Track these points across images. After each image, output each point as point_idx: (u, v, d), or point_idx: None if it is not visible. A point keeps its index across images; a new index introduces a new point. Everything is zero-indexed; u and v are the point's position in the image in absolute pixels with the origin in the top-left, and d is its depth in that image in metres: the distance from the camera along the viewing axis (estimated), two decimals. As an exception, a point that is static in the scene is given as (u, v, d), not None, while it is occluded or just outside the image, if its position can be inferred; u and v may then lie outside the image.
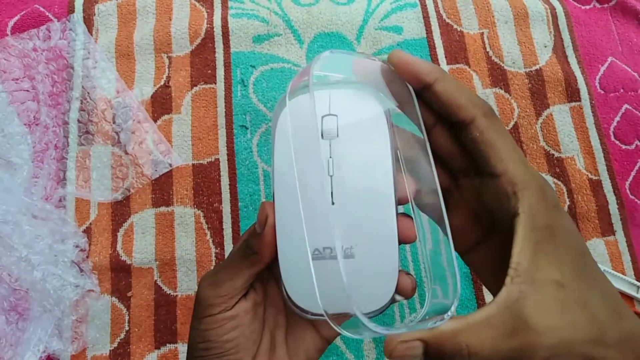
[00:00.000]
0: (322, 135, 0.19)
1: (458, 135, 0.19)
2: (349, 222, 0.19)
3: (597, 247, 0.36)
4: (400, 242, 0.19)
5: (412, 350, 0.16)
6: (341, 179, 0.19)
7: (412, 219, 0.19)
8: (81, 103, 0.39)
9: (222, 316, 0.19)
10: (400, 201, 0.19)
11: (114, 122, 0.39)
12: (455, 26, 0.42)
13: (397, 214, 0.19)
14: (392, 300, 0.19)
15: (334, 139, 0.19)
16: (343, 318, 0.19)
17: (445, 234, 0.18)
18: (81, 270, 0.35)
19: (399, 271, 0.19)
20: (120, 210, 0.37)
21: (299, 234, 0.18)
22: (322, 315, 0.19)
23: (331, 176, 0.19)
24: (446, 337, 0.16)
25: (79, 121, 0.39)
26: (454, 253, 0.18)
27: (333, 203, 0.19)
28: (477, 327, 0.16)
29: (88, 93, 0.39)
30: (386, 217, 0.19)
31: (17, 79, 0.40)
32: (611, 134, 0.39)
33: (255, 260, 0.19)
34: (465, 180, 0.20)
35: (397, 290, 0.19)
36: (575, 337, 0.16)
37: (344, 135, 0.19)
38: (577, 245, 0.18)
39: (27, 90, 0.39)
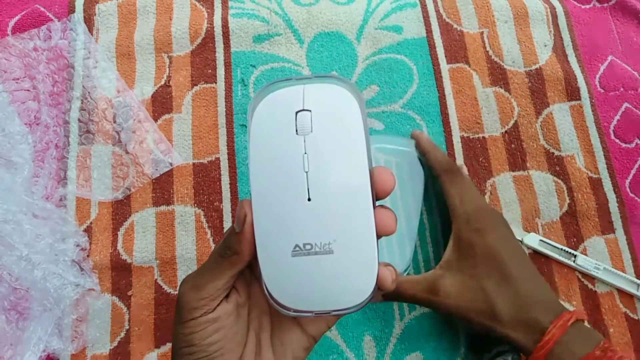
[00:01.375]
0: (296, 131, 0.19)
1: None
2: (326, 218, 0.19)
3: (597, 245, 0.36)
4: (379, 235, 0.19)
5: (390, 280, 0.20)
6: (317, 175, 0.19)
7: (392, 210, 0.20)
8: (82, 102, 0.39)
9: (204, 319, 0.19)
10: (377, 194, 0.19)
11: (114, 122, 0.39)
12: (455, 25, 0.42)
13: (375, 207, 0.19)
14: (374, 293, 0.19)
15: (309, 135, 0.19)
16: (326, 314, 0.20)
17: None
18: (81, 269, 0.35)
19: (379, 264, 0.19)
20: (120, 210, 0.37)
21: (277, 231, 0.19)
22: (304, 312, 0.19)
23: (307, 172, 0.19)
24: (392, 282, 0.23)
25: (79, 120, 0.39)
26: (374, 244, 0.19)
27: (310, 199, 0.19)
28: (409, 281, 0.30)
29: (89, 92, 0.39)
30: (363, 211, 0.19)
31: (18, 79, 0.40)
32: (611, 132, 0.39)
33: (235, 260, 0.19)
34: None
35: (378, 283, 0.19)
36: (470, 306, 0.28)
37: (318, 130, 0.19)
38: (494, 258, 0.29)
39: (28, 90, 0.39)
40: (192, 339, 0.19)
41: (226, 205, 0.37)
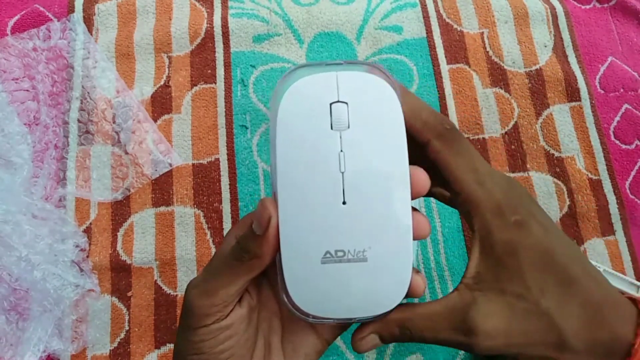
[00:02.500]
0: (331, 125, 0.17)
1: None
2: (362, 224, 0.17)
3: (597, 246, 0.36)
4: (414, 239, 0.18)
5: (371, 342, 0.19)
6: (354, 176, 0.17)
7: (424, 214, 0.19)
8: (81, 103, 0.39)
9: (216, 326, 0.18)
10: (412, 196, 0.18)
11: (114, 122, 0.39)
12: (455, 26, 0.42)
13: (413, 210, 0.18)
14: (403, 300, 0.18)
15: (345, 130, 0.17)
16: (349, 321, 0.19)
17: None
18: (81, 270, 0.35)
19: (412, 271, 0.18)
20: (120, 210, 0.37)
21: (306, 236, 0.17)
22: (325, 319, 0.18)
23: (342, 173, 0.17)
24: (393, 324, 0.19)
25: (79, 121, 0.39)
26: (411, 251, 0.18)
27: (345, 202, 0.17)
28: (421, 317, 0.19)
29: (88, 93, 0.39)
30: (402, 216, 0.17)
31: (17, 79, 0.40)
32: (611, 133, 0.39)
33: (254, 264, 0.18)
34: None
35: (409, 291, 0.18)
36: (526, 342, 0.18)
37: (355, 125, 0.17)
38: (546, 261, 0.18)
39: (27, 90, 0.39)
40: (203, 347, 0.18)
41: (226, 206, 0.37)
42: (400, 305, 0.18)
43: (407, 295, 0.18)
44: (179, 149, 0.38)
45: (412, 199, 0.18)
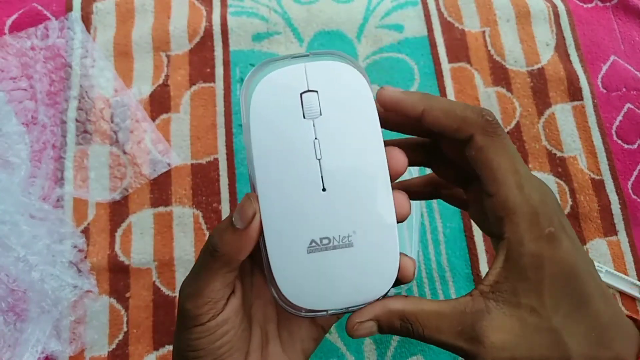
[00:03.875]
0: (303, 114, 0.17)
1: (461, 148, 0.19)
2: (344, 208, 0.17)
3: (599, 247, 0.36)
4: (397, 221, 0.18)
5: (368, 329, 0.18)
6: (330, 162, 0.17)
7: (403, 191, 0.18)
8: (79, 102, 0.39)
9: (213, 323, 0.18)
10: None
11: (112, 122, 0.38)
12: (456, 24, 0.42)
13: (392, 191, 0.18)
14: (394, 286, 0.18)
15: (317, 118, 0.17)
16: (342, 312, 0.18)
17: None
18: (79, 271, 0.35)
19: (399, 254, 0.18)
20: (118, 211, 0.36)
21: (290, 227, 0.17)
22: (318, 311, 0.18)
23: (319, 160, 0.17)
24: (395, 315, 0.18)
25: (76, 120, 0.38)
26: (395, 232, 0.18)
27: (324, 189, 0.17)
28: (426, 314, 0.17)
29: (86, 92, 0.39)
30: (383, 197, 0.17)
31: (15, 78, 0.39)
32: (613, 133, 0.39)
33: (227, 260, 0.17)
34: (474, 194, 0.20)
35: (399, 274, 0.18)
36: (531, 355, 0.17)
37: (327, 112, 0.17)
38: (568, 277, 0.17)
39: (25, 90, 0.39)
40: (200, 344, 0.18)
41: (225, 206, 0.37)
42: (406, 296, 0.18)
43: (397, 280, 0.18)
44: (178, 149, 0.38)
45: (392, 179, 0.18)
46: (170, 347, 0.34)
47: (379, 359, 0.33)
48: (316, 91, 0.18)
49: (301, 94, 0.18)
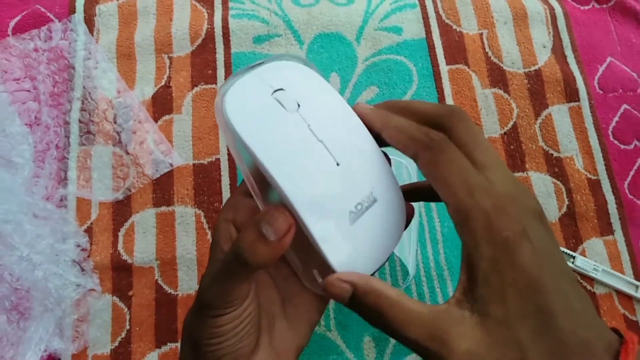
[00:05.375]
0: (285, 110, 0.19)
1: None
2: (358, 173, 0.19)
3: (595, 246, 0.37)
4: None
5: (340, 290, 0.18)
6: (330, 140, 0.19)
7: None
8: (82, 103, 0.39)
9: (237, 312, 0.19)
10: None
11: (115, 122, 0.39)
12: (454, 27, 0.42)
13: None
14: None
15: (299, 109, 0.19)
16: (380, 267, 0.20)
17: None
18: (82, 270, 0.35)
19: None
20: (121, 210, 0.37)
21: (329, 210, 0.18)
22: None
23: (322, 141, 0.18)
24: (374, 293, 0.17)
25: (80, 121, 0.39)
26: (413, 238, 0.19)
27: (338, 164, 0.18)
28: (404, 307, 0.17)
29: (89, 93, 0.39)
30: (373, 151, 0.20)
31: (18, 79, 0.40)
32: (610, 133, 0.40)
33: (256, 268, 0.18)
34: None
35: (407, 219, 0.20)
36: None
37: (302, 103, 0.19)
38: (531, 288, 0.17)
39: (29, 91, 0.39)
40: (223, 331, 0.19)
41: (226, 206, 0.37)
42: (391, 285, 0.19)
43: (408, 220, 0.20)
44: (180, 149, 0.38)
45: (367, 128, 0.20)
46: (173, 345, 0.34)
47: (378, 356, 0.34)
48: (282, 89, 0.19)
49: (272, 94, 0.19)
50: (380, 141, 0.20)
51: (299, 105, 0.19)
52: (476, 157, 0.18)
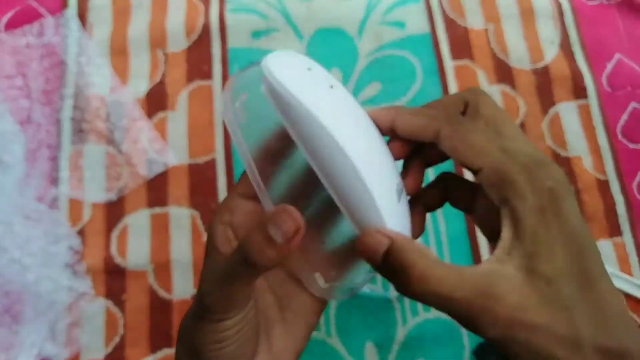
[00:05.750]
0: (331, 86, 0.18)
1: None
2: (392, 158, 0.19)
3: (604, 248, 0.36)
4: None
5: (378, 243, 0.17)
6: (369, 120, 0.19)
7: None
8: (74, 100, 0.38)
9: (240, 317, 0.18)
10: None
11: (108, 120, 0.38)
12: (459, 21, 0.41)
13: None
14: None
15: (332, 89, 0.18)
16: None
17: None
18: (75, 273, 0.34)
19: None
20: (114, 211, 0.36)
21: (380, 174, 0.17)
22: None
23: (367, 116, 0.19)
24: (414, 247, 0.16)
25: (72, 119, 0.38)
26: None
27: (378, 141, 0.19)
28: (443, 267, 0.16)
29: (82, 90, 0.38)
30: (381, 137, 0.20)
31: (10, 76, 0.39)
32: (618, 132, 0.39)
33: (262, 271, 0.17)
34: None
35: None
36: (548, 329, 0.15)
37: (334, 85, 0.18)
38: (576, 237, 0.16)
39: (20, 88, 0.38)
40: (224, 337, 0.18)
41: (223, 207, 0.36)
42: (429, 248, 0.18)
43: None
44: (175, 148, 0.37)
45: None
46: (168, 351, 0.33)
47: (381, 362, 0.33)
48: (311, 69, 0.18)
49: (307, 70, 0.18)
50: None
51: (331, 87, 0.18)
52: (503, 130, 0.18)
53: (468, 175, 0.34)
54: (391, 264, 0.16)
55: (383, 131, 0.19)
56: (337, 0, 0.41)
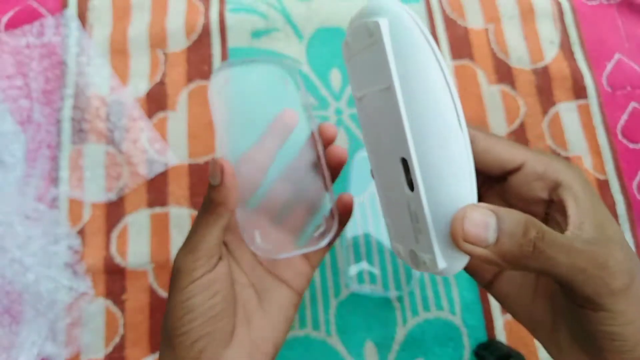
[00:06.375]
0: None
1: None
2: None
3: (604, 248, 0.36)
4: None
5: (483, 226, 0.15)
6: None
7: None
8: (74, 100, 0.38)
9: (204, 280, 0.19)
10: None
11: (108, 120, 0.38)
12: (459, 21, 0.41)
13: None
14: None
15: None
16: None
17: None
18: (75, 273, 0.34)
19: None
20: (114, 211, 0.36)
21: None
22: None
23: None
24: (525, 221, 0.15)
25: (72, 119, 0.38)
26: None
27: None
28: (557, 235, 0.16)
29: (82, 90, 0.38)
30: None
31: (10, 76, 0.39)
32: (618, 132, 0.39)
33: (220, 211, 0.19)
34: (487, 193, 0.20)
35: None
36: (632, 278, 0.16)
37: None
38: (608, 217, 0.17)
39: (20, 88, 0.38)
40: (193, 304, 0.19)
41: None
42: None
43: None
44: (175, 148, 0.37)
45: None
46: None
47: (381, 362, 0.33)
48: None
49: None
50: None
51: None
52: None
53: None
54: (512, 240, 0.15)
55: None
56: (337, 0, 0.41)
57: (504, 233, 0.15)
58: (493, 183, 0.20)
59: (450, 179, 0.16)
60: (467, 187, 0.16)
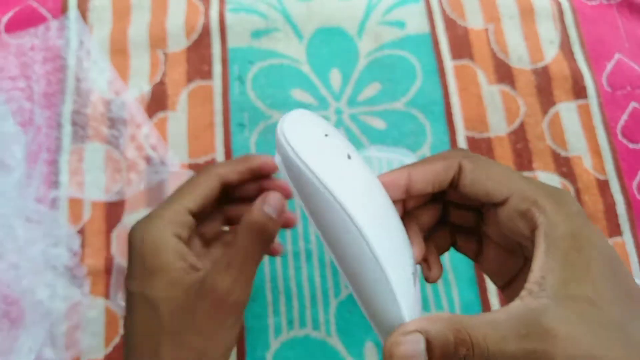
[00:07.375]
0: (348, 156, 0.18)
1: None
2: (408, 244, 0.20)
3: (605, 248, 0.36)
4: None
5: (413, 345, 0.15)
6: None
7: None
8: (75, 101, 0.38)
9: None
10: None
11: (107, 121, 0.38)
12: (459, 21, 0.41)
13: None
14: None
15: (350, 159, 0.19)
16: None
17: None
18: (74, 277, 0.34)
19: None
20: (114, 212, 0.36)
21: (398, 260, 0.17)
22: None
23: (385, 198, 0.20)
24: (448, 327, 0.15)
25: (72, 119, 0.38)
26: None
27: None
28: (482, 324, 0.15)
29: (82, 90, 0.38)
30: (404, 230, 0.21)
31: (14, 78, 0.39)
32: (618, 132, 0.39)
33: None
34: (489, 214, 0.20)
35: None
36: (607, 356, 0.15)
37: (352, 155, 0.19)
38: (609, 257, 0.16)
39: (23, 90, 0.38)
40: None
41: (223, 207, 0.36)
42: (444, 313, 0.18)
43: None
44: (175, 148, 0.37)
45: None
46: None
47: (381, 363, 0.33)
48: (326, 135, 0.19)
49: (325, 137, 0.18)
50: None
51: (348, 157, 0.18)
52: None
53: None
54: (440, 353, 0.15)
55: (397, 196, 0.19)
56: (337, 0, 0.41)
57: (435, 356, 0.15)
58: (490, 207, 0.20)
59: (374, 299, 0.17)
60: (393, 308, 0.17)
